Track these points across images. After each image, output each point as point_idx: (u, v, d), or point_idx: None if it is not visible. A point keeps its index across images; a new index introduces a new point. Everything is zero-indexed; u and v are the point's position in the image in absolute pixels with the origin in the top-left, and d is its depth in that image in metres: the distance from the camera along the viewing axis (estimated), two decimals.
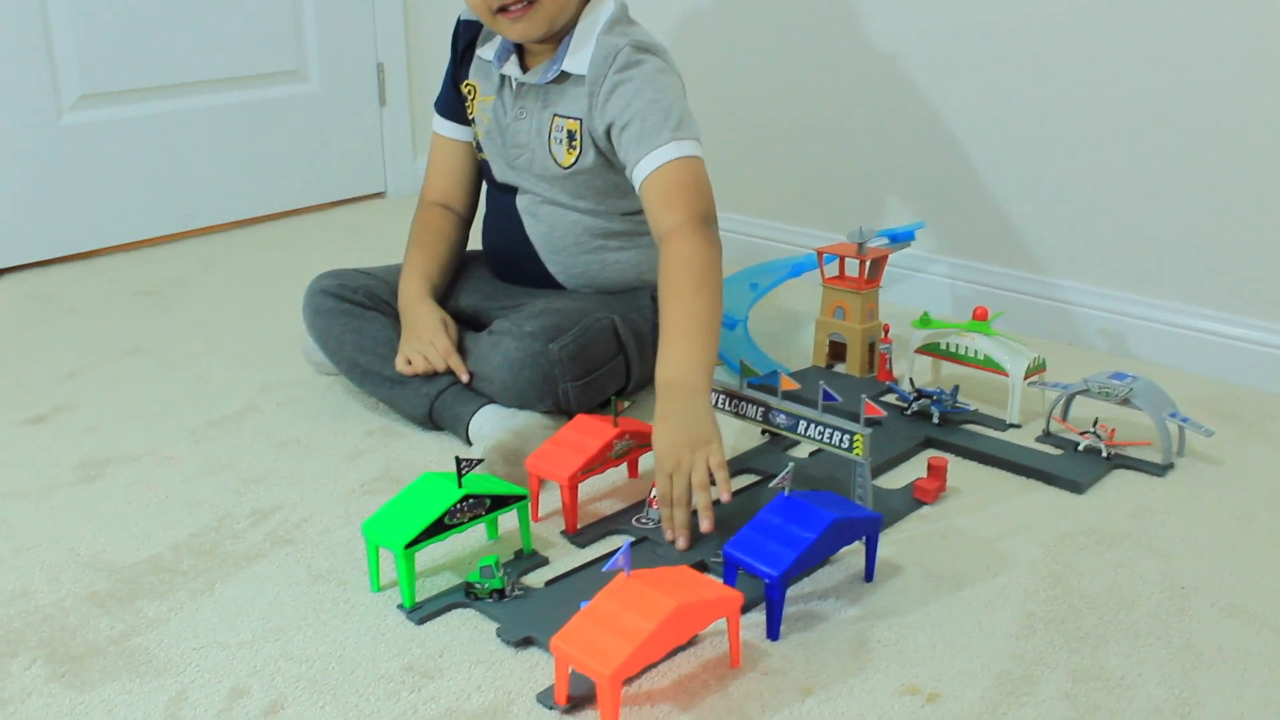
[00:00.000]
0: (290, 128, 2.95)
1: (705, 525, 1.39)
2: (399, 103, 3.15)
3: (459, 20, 1.91)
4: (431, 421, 1.76)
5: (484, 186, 1.98)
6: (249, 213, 2.93)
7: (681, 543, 1.41)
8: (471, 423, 1.70)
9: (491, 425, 1.67)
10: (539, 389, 1.68)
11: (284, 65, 2.92)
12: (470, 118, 1.90)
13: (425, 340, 1.75)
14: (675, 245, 1.55)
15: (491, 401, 1.71)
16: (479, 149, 1.90)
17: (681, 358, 1.47)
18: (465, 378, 1.73)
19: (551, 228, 1.83)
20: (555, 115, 1.76)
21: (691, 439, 1.41)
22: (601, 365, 1.75)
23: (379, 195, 3.18)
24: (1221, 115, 1.89)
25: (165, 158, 2.74)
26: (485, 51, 1.85)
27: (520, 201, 1.85)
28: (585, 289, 1.87)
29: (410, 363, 1.74)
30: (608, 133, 1.70)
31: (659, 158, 1.61)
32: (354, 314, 1.83)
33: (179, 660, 1.25)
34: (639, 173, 1.63)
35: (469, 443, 1.71)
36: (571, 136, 1.74)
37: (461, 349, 1.77)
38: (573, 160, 1.76)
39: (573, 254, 1.84)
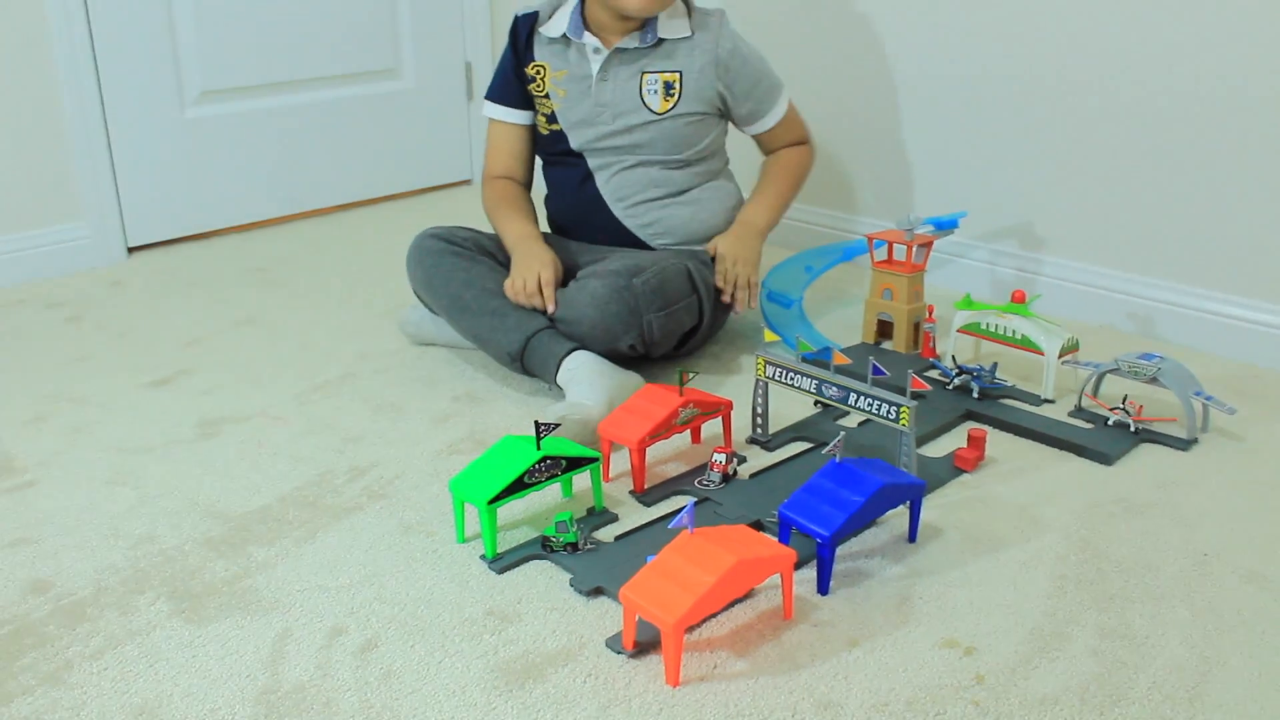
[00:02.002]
0: (386, 121, 2.96)
1: (740, 307, 1.85)
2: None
3: (517, 17, 1.93)
4: (522, 362, 1.73)
5: (539, 165, 2.01)
6: (349, 198, 2.94)
7: (740, 306, 1.84)
8: (564, 363, 1.68)
9: (579, 379, 1.65)
10: (625, 321, 1.68)
11: (381, 64, 2.92)
12: (543, 94, 1.91)
13: (533, 269, 1.76)
14: (798, 150, 2.00)
15: (583, 347, 1.71)
16: (552, 121, 1.91)
17: (760, 209, 1.94)
18: (551, 308, 1.73)
19: (621, 182, 1.88)
20: (645, 72, 1.84)
21: (745, 258, 1.85)
22: (680, 300, 1.76)
23: (465, 183, 3.19)
24: (1242, 109, 1.83)
25: (276, 148, 2.77)
26: (549, 29, 1.89)
27: (592, 162, 1.90)
28: (651, 230, 1.90)
29: (513, 285, 1.76)
30: (726, 87, 1.87)
31: (779, 111, 1.95)
32: (463, 255, 1.83)
33: (285, 600, 1.27)
34: (769, 120, 1.95)
35: (557, 384, 1.70)
36: (669, 87, 1.84)
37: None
38: (669, 106, 1.84)
39: (639, 202, 1.89)
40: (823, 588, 1.26)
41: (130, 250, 2.59)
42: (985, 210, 2.21)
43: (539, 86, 1.91)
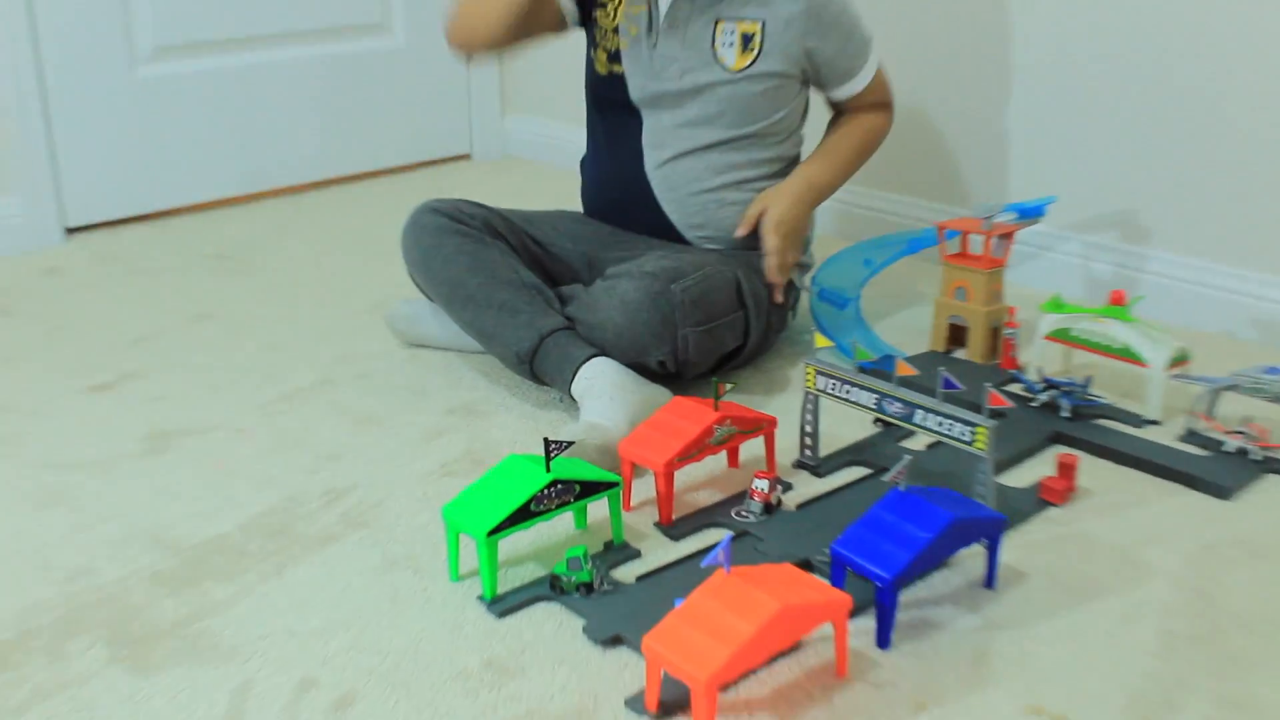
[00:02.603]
0: (372, 85, 2.97)
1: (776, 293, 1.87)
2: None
3: None
4: (532, 365, 1.72)
5: (585, 121, 2.00)
6: (327, 174, 2.95)
7: (778, 295, 1.87)
8: (582, 370, 1.67)
9: (598, 391, 1.64)
10: (657, 333, 1.67)
11: (367, 18, 2.93)
12: (612, 25, 1.90)
13: None
14: (876, 114, 1.98)
15: (604, 353, 1.70)
16: (614, 60, 1.90)
17: (822, 167, 1.91)
18: None
19: (674, 171, 1.87)
20: (720, 20, 1.83)
21: (793, 226, 1.84)
22: (722, 316, 1.75)
23: (464, 157, 3.20)
24: None
25: (241, 114, 2.77)
26: None
27: (647, 135, 1.88)
28: (700, 233, 1.89)
29: None
30: (815, 43, 1.85)
31: (870, 72, 1.94)
32: (471, 236, 1.82)
33: (245, 647, 1.26)
34: (859, 81, 1.93)
35: (571, 395, 1.69)
36: (747, 39, 1.82)
37: (567, 298, 1.77)
38: (746, 63, 1.82)
39: (693, 193, 1.87)
40: (883, 640, 1.25)
41: (69, 231, 2.59)
42: (1079, 194, 2.19)
43: (607, 16, 1.90)
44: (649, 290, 1.68)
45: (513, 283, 1.76)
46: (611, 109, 1.92)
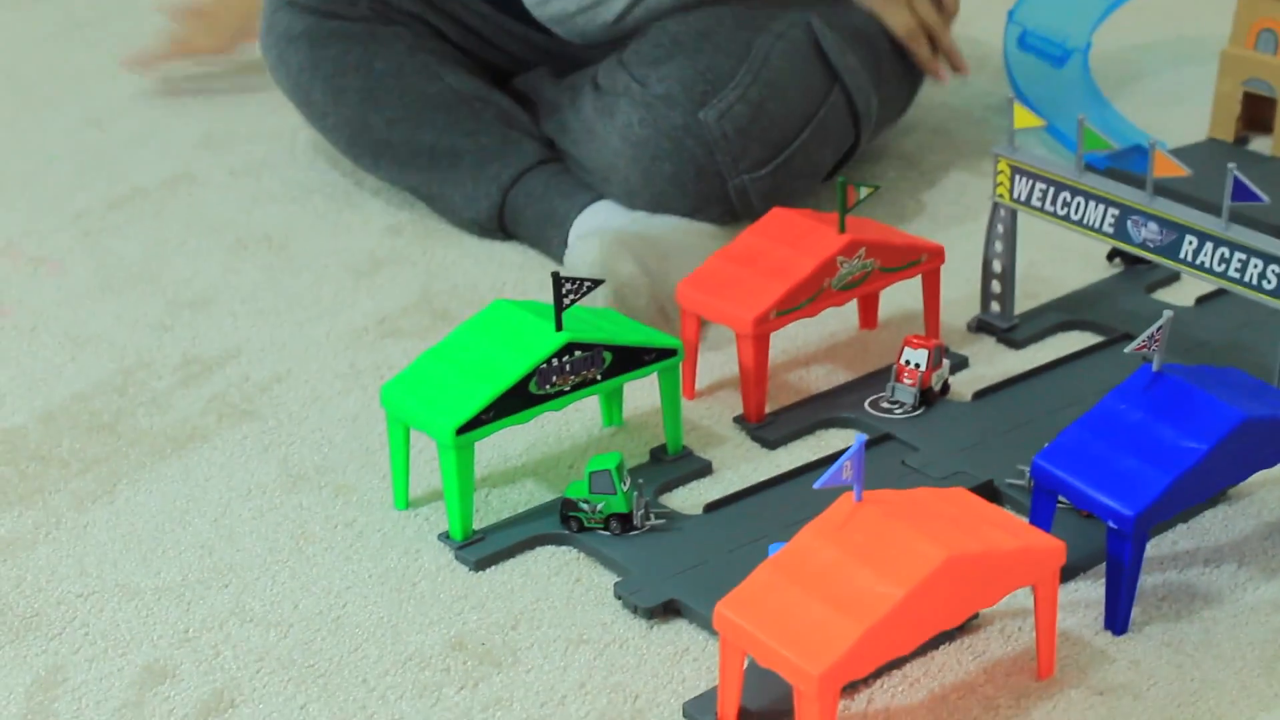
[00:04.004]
0: None
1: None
2: None
3: None
4: (501, 225, 1.77)
5: None
6: None
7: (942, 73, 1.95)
8: (577, 225, 1.70)
9: (606, 219, 1.67)
10: (691, 191, 1.70)
11: None
12: None
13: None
14: None
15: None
16: None
17: None
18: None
19: None
20: None
21: None
22: (801, 129, 1.75)
23: None
24: None
25: None
26: None
27: None
28: None
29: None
30: None
31: None
32: (355, 37, 1.83)
33: (50, 613, 1.27)
34: None
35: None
36: None
37: (548, 104, 1.80)
38: None
39: None
40: (1118, 621, 1.26)
41: None
42: None
43: None
44: (665, 127, 1.68)
45: (439, 101, 1.79)
46: None
